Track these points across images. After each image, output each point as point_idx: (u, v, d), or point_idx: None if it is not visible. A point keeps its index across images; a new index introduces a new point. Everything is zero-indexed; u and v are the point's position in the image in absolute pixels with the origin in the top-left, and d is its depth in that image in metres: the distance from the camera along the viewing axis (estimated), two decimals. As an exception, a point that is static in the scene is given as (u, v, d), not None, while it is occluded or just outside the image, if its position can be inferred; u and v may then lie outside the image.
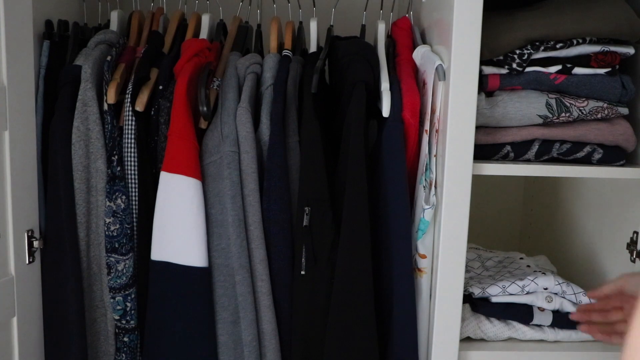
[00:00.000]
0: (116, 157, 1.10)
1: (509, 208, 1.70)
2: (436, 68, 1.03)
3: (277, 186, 1.08)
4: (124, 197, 1.10)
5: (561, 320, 1.15)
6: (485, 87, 1.10)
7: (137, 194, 1.11)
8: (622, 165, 1.13)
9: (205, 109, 1.08)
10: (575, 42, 1.07)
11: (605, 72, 1.09)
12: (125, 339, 1.13)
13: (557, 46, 1.07)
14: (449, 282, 1.07)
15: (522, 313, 1.15)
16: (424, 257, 1.08)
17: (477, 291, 1.15)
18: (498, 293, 1.14)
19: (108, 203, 1.09)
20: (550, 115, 1.09)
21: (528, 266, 1.25)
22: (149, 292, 1.10)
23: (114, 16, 1.24)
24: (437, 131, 1.07)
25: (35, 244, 1.08)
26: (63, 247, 1.09)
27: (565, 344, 1.16)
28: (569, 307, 1.14)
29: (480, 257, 1.32)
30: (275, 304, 1.10)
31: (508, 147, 1.12)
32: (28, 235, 1.06)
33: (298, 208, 1.08)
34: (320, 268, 1.08)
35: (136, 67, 1.14)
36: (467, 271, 1.25)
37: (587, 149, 1.11)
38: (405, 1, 1.35)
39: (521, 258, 1.31)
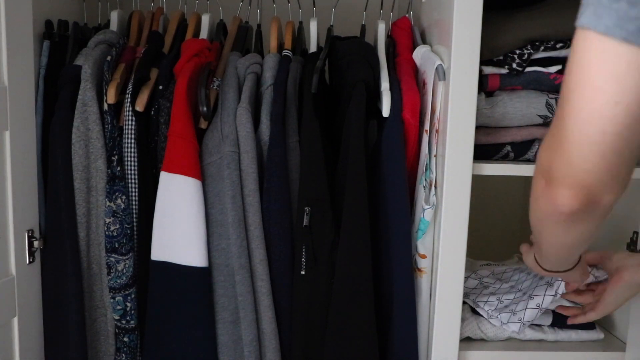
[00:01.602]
0: (116, 157, 1.10)
1: (509, 208, 1.70)
2: (436, 68, 1.03)
3: (277, 186, 1.08)
4: (124, 197, 1.10)
5: (561, 320, 1.15)
6: (485, 87, 1.10)
7: (137, 194, 1.11)
8: (622, 165, 1.12)
9: (205, 109, 1.08)
10: (575, 42, 1.07)
11: (605, 72, 1.09)
12: (125, 339, 1.13)
13: (557, 46, 1.07)
14: (449, 282, 1.07)
15: (522, 313, 1.15)
16: (424, 257, 1.08)
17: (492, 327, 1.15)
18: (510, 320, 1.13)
19: (108, 203, 1.09)
20: (551, 115, 1.09)
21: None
22: (149, 292, 1.10)
23: (114, 16, 1.24)
24: (437, 131, 1.07)
25: (36, 244, 1.08)
26: (63, 247, 1.09)
27: (565, 343, 1.16)
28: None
29: (494, 273, 1.28)
30: (275, 304, 1.10)
31: (508, 147, 1.12)
32: (28, 235, 1.06)
33: (298, 208, 1.08)
34: (320, 268, 1.08)
35: (136, 67, 1.14)
36: (485, 287, 1.23)
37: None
38: (405, 1, 1.35)
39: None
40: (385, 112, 1.07)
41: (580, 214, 0.61)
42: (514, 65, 1.08)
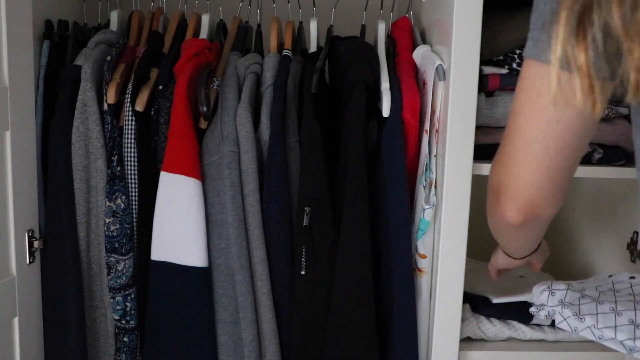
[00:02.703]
0: (116, 157, 1.10)
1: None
2: (436, 68, 1.03)
3: (277, 186, 1.08)
4: (124, 197, 1.10)
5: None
6: (485, 87, 1.10)
7: (137, 194, 1.11)
8: (622, 165, 1.13)
9: (205, 109, 1.08)
10: (575, 42, 1.07)
11: (606, 72, 1.09)
12: (125, 339, 1.13)
13: (557, 46, 1.07)
14: (449, 282, 1.06)
15: (521, 312, 1.15)
16: (424, 257, 1.08)
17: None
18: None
19: (108, 203, 1.09)
20: (550, 115, 1.09)
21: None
22: (149, 292, 1.10)
23: (114, 16, 1.24)
24: (437, 131, 1.07)
25: (36, 244, 1.08)
26: (63, 247, 1.09)
27: (565, 343, 1.16)
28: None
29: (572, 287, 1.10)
30: (275, 304, 1.10)
31: (508, 147, 1.11)
32: (28, 236, 1.06)
33: (298, 208, 1.08)
34: (320, 268, 1.08)
35: (136, 67, 1.14)
36: (593, 299, 1.02)
37: (587, 148, 1.11)
38: (405, 1, 1.35)
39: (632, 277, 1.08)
40: (385, 112, 1.07)
41: (525, 225, 0.69)
42: (514, 65, 1.08)
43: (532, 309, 1.08)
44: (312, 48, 1.25)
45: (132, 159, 1.10)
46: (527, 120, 0.62)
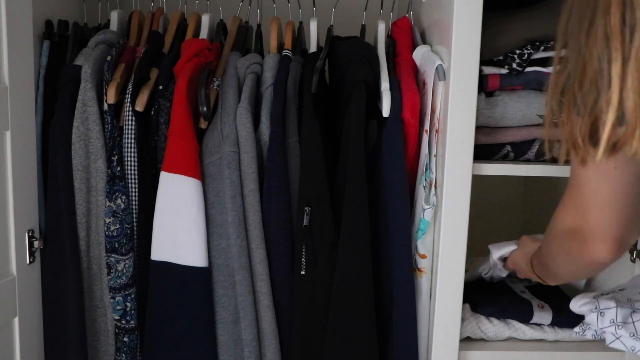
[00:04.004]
0: (116, 157, 1.10)
1: (509, 208, 1.70)
2: (436, 68, 1.03)
3: (277, 186, 1.08)
4: (124, 197, 1.10)
5: (561, 319, 1.15)
6: (485, 87, 1.10)
7: (137, 194, 1.11)
8: (622, 165, 1.12)
9: (205, 109, 1.08)
10: (575, 42, 1.07)
11: (605, 72, 1.09)
12: (125, 339, 1.13)
13: (557, 46, 1.07)
14: (449, 282, 1.07)
15: (521, 311, 1.15)
16: (424, 257, 1.08)
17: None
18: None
19: (108, 203, 1.09)
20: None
21: None
22: (149, 292, 1.10)
23: (114, 16, 1.25)
24: (437, 131, 1.07)
25: (36, 244, 1.08)
26: (63, 247, 1.10)
27: (565, 343, 1.16)
28: None
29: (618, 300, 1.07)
30: (275, 304, 1.10)
31: (508, 147, 1.12)
32: (29, 235, 1.06)
33: (298, 208, 1.08)
34: (320, 268, 1.08)
35: (136, 67, 1.14)
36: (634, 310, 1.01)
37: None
38: (405, 1, 1.35)
39: None
40: (385, 112, 1.07)
41: (615, 260, 0.75)
42: (514, 65, 1.08)
43: (576, 329, 1.04)
44: (312, 48, 1.25)
45: (132, 159, 1.10)
46: (588, 172, 0.70)
